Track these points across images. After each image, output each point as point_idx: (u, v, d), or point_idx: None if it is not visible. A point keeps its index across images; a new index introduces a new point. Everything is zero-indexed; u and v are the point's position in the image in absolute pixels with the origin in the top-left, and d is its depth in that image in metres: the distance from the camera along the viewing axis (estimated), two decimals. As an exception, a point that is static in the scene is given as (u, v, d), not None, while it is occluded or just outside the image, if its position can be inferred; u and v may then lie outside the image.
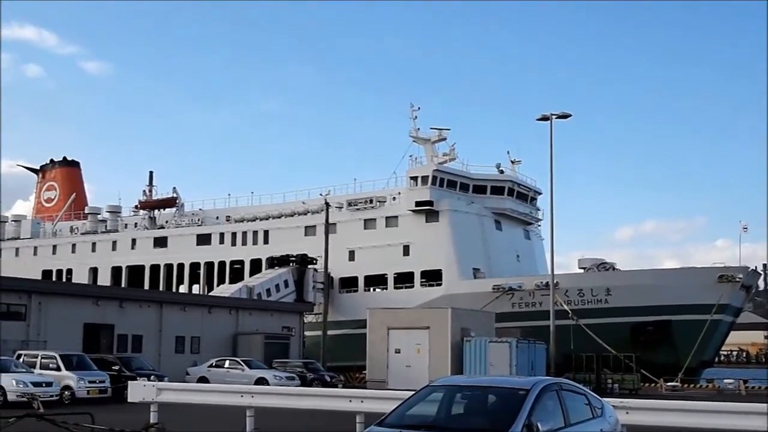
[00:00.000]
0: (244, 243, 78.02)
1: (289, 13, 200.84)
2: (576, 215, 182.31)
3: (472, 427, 9.83)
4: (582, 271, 68.16)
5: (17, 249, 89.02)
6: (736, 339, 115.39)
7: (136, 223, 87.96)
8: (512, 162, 76.39)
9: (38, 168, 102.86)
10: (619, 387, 46.18)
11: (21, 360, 32.86)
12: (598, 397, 12.23)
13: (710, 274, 62.80)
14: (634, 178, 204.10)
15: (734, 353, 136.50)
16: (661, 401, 16.12)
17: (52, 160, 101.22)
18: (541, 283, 60.81)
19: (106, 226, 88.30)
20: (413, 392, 11.35)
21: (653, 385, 51.55)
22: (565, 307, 57.59)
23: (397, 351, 45.81)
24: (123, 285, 78.72)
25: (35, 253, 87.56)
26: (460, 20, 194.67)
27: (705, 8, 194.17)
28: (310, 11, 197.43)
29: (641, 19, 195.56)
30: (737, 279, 63.06)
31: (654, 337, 61.05)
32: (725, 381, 51.34)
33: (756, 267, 68.11)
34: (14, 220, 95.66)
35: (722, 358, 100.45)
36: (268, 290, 67.14)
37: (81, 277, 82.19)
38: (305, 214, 75.40)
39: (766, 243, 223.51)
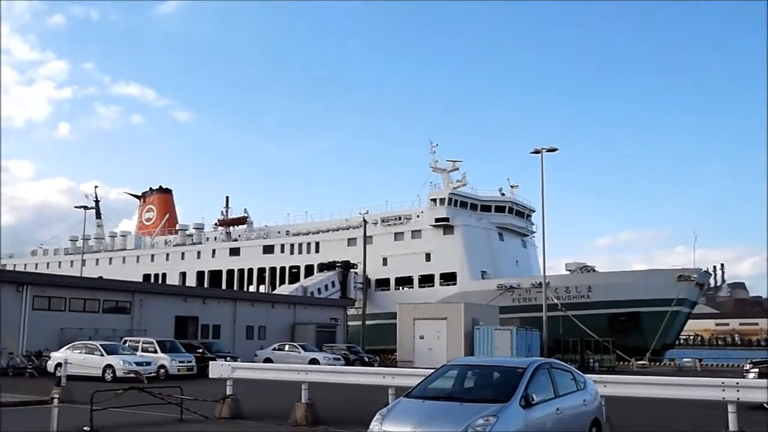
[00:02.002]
0: (300, 252, 78.25)
1: (338, 72, 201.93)
2: (563, 227, 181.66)
3: (481, 398, 9.74)
4: (568, 272, 67.69)
5: (124, 258, 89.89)
6: (693, 326, 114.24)
7: (215, 237, 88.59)
8: (511, 186, 76.54)
9: (140, 194, 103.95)
10: (599, 365, 45.59)
11: (127, 345, 32.98)
12: (581, 373, 12.09)
13: (671, 275, 62.33)
14: (611, 198, 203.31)
15: (691, 337, 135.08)
16: (632, 377, 15.90)
17: (150, 188, 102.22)
18: (536, 282, 60.53)
19: (192, 239, 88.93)
20: (434, 370, 11.29)
21: (626, 363, 50.87)
22: (555, 301, 57.28)
23: (421, 337, 45.62)
24: (205, 286, 79.24)
25: (138, 261, 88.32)
26: (470, 75, 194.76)
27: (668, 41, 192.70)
28: (356, 71, 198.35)
29: (615, 65, 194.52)
30: (693, 278, 62.73)
31: (626, 325, 60.56)
32: (684, 360, 50.58)
33: (708, 269, 67.61)
34: (121, 235, 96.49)
35: (681, 341, 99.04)
36: (319, 289, 67.27)
37: (173, 280, 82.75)
38: (347, 229, 75.54)
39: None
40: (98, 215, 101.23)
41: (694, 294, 65.04)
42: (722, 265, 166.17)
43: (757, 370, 24.40)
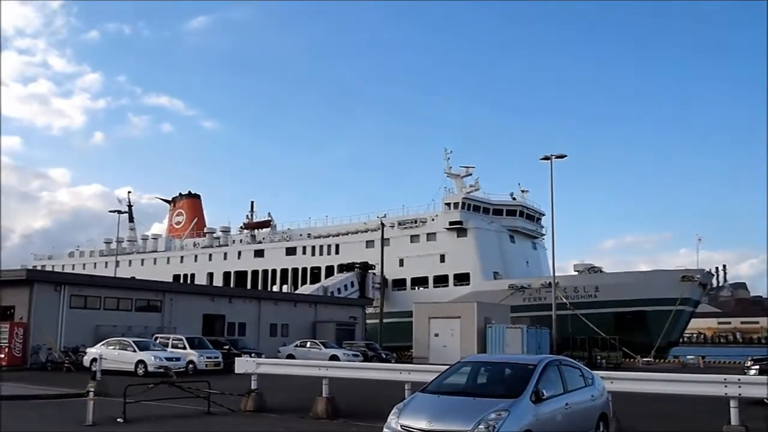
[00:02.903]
0: (320, 253, 78.23)
1: (356, 84, 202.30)
2: (571, 230, 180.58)
3: (493, 393, 9.72)
4: (576, 273, 67.21)
5: (155, 259, 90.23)
6: (696, 325, 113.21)
7: (241, 239, 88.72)
8: (522, 191, 76.06)
9: (170, 199, 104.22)
10: (606, 362, 45.29)
11: (157, 341, 33.17)
12: (589, 370, 12.02)
13: (675, 275, 61.77)
14: (618, 202, 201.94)
15: (694, 335, 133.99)
16: (638, 373, 15.82)
17: (180, 193, 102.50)
18: (545, 282, 60.17)
19: (219, 241, 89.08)
20: (448, 366, 11.27)
21: (632, 360, 50.55)
22: (564, 300, 56.90)
23: (436, 335, 45.48)
24: (231, 285, 79.27)
25: (168, 262, 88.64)
26: (482, 87, 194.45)
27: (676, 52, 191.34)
28: (373, 81, 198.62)
29: (629, 77, 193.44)
30: (696, 278, 62.09)
31: (632, 324, 60.00)
32: (688, 357, 50.27)
33: (710, 269, 66.88)
34: (153, 238, 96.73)
35: (685, 339, 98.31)
36: (339, 289, 67.19)
37: (201, 280, 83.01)
38: (366, 231, 75.46)
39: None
40: (131, 219, 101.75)
41: (697, 294, 64.43)
42: (724, 266, 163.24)
43: (758, 366, 24.22)
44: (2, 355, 31.02)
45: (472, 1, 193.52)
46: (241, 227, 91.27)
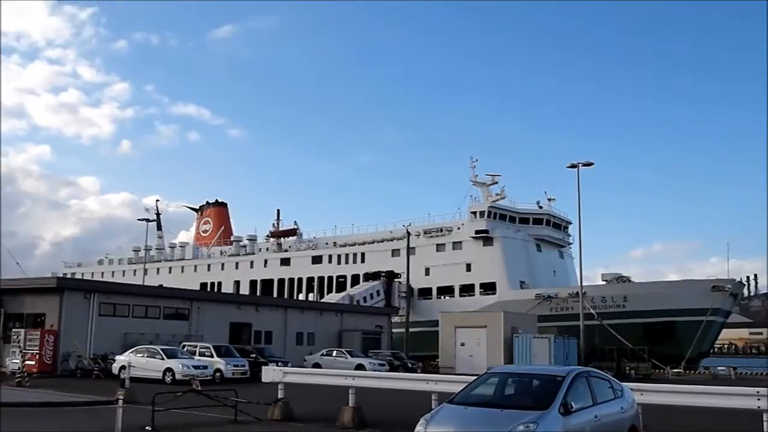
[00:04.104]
0: (346, 262, 78.27)
1: (381, 91, 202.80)
2: (598, 239, 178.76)
3: (521, 404, 9.65)
4: (604, 282, 66.49)
5: (182, 267, 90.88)
6: (727, 335, 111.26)
7: (267, 248, 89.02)
8: (549, 199, 75.38)
9: (197, 207, 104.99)
10: (635, 373, 44.69)
11: (185, 349, 33.33)
12: (618, 381, 11.89)
13: (705, 285, 60.88)
14: (646, 211, 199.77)
15: (725, 346, 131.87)
16: (668, 385, 15.56)
17: (207, 202, 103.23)
18: (573, 292, 59.57)
19: (246, 250, 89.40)
20: (475, 377, 11.21)
21: (662, 371, 49.82)
22: (592, 310, 56.25)
23: (463, 344, 45.28)
24: (258, 294, 79.60)
25: (195, 270, 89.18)
26: (512, 96, 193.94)
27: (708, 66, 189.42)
28: (399, 93, 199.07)
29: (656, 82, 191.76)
30: (727, 288, 61.18)
31: (662, 334, 59.20)
32: (719, 368, 49.37)
33: (741, 279, 65.88)
34: (180, 246, 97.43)
35: (716, 350, 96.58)
36: (365, 298, 67.20)
37: (228, 288, 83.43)
38: (392, 240, 75.39)
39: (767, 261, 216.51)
40: (159, 227, 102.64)
41: (728, 304, 63.48)
42: (755, 275, 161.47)
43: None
44: (33, 362, 31.39)
45: (492, 11, 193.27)
46: (268, 236, 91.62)
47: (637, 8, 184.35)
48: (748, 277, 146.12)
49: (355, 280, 75.11)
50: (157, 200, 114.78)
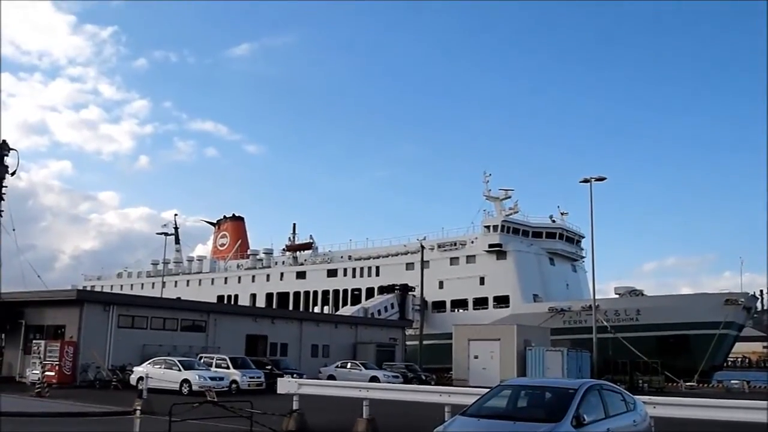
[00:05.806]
0: (361, 275, 78.28)
1: (397, 107, 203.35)
2: (612, 252, 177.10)
3: (533, 417, 9.59)
4: (617, 296, 66.09)
5: (200, 280, 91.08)
6: (740, 348, 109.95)
7: (283, 261, 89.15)
8: (561, 214, 75.11)
9: (215, 222, 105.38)
10: (648, 386, 44.20)
11: (202, 360, 33.44)
12: (631, 394, 11.79)
13: (719, 299, 60.30)
14: (659, 224, 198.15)
15: (739, 360, 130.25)
16: (681, 398, 15.40)
17: (224, 216, 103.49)
18: (586, 305, 59.23)
19: (262, 263, 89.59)
20: (488, 389, 11.15)
21: (675, 384, 49.26)
22: (605, 323, 55.96)
23: (476, 357, 45.08)
24: (274, 307, 79.58)
25: (212, 283, 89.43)
26: (523, 112, 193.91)
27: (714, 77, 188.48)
28: (414, 108, 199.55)
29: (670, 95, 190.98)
30: (740, 302, 60.54)
31: (675, 347, 58.61)
32: (732, 382, 48.58)
33: (754, 293, 65.20)
34: (198, 259, 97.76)
35: (729, 363, 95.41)
36: (379, 311, 67.08)
37: (244, 301, 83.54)
38: (406, 254, 75.29)
39: (766, 274, 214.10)
40: (177, 241, 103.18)
41: (741, 317, 62.82)
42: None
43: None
44: (53, 373, 31.55)
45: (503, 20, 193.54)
46: (284, 249, 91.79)
47: (653, 23, 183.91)
48: (761, 291, 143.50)
49: (370, 293, 75.04)
50: (176, 214, 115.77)
